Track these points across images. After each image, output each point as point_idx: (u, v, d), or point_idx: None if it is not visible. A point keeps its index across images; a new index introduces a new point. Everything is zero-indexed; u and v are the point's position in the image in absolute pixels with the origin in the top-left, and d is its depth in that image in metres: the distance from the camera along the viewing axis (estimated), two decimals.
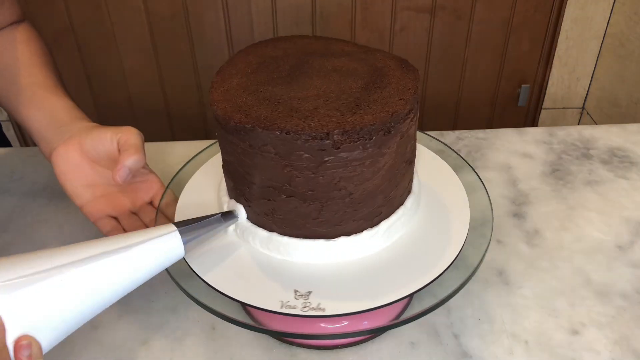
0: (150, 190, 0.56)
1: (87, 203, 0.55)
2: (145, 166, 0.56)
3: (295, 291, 0.42)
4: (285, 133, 0.39)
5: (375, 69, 0.47)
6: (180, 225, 0.42)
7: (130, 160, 0.51)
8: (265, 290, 0.43)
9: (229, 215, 0.45)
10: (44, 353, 0.36)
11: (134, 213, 0.57)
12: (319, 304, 0.41)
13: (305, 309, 0.41)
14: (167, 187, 0.55)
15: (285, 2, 1.31)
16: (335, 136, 0.39)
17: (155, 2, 1.29)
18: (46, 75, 0.59)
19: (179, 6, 1.29)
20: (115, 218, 0.56)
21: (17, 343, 0.34)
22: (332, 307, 0.41)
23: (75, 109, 0.57)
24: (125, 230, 0.55)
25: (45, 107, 0.57)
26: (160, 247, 0.40)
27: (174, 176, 0.57)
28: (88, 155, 0.54)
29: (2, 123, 0.86)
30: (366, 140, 0.40)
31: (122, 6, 1.28)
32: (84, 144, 0.53)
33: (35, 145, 0.60)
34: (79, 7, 1.27)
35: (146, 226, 0.55)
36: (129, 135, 0.52)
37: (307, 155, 0.39)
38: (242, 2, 1.30)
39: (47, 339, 0.36)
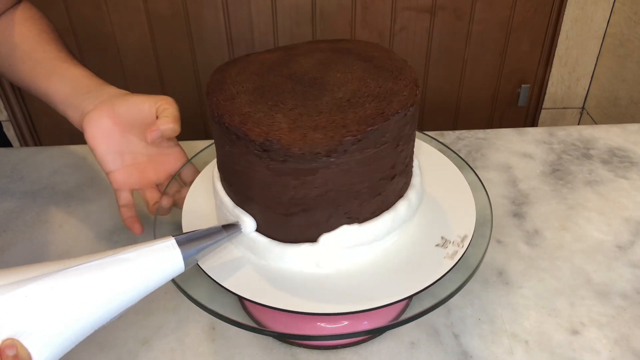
0: (176, 163, 0.57)
1: (115, 171, 0.55)
2: (174, 138, 0.56)
3: (443, 237, 0.46)
4: (403, 113, 0.40)
5: (349, 51, 0.49)
6: (178, 236, 0.41)
7: (166, 127, 0.52)
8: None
9: (231, 227, 0.43)
10: None
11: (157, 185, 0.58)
12: (463, 238, 0.46)
13: (461, 246, 0.45)
14: (167, 186, 0.55)
15: (285, 2, 1.31)
16: (408, 114, 0.41)
17: (155, 2, 1.29)
18: (60, 49, 0.60)
19: (179, 6, 1.29)
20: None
21: (2, 344, 0.33)
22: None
23: (96, 77, 0.58)
24: (148, 203, 0.56)
25: (68, 76, 0.57)
26: (156, 257, 0.39)
27: (174, 176, 0.57)
28: (120, 121, 0.54)
29: (2, 123, 0.86)
30: (416, 104, 0.43)
31: (122, 6, 1.28)
32: (118, 109, 0.54)
33: (35, 145, 0.60)
34: (79, 7, 1.27)
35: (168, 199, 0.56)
36: (169, 104, 0.53)
37: (406, 128, 0.42)
38: (242, 2, 1.30)
39: (39, 349, 0.35)
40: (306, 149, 0.38)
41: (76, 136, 0.59)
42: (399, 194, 0.46)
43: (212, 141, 0.62)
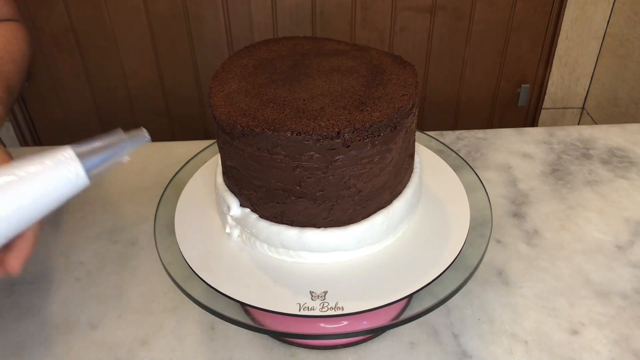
0: None
1: None
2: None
3: (311, 292, 0.42)
4: (296, 134, 0.39)
5: (373, 66, 0.47)
6: (75, 145, 0.38)
7: None
8: (281, 294, 0.43)
9: (135, 134, 0.39)
10: None
11: None
12: (336, 303, 0.41)
13: (324, 309, 0.41)
14: (167, 186, 0.55)
15: (285, 1, 1.31)
16: (346, 135, 0.39)
17: (155, 2, 1.28)
18: None
19: (179, 6, 1.29)
20: None
21: None
22: (350, 306, 0.41)
23: None
24: None
25: None
26: (53, 171, 0.36)
27: (174, 176, 0.57)
28: None
29: None
30: (375, 137, 0.40)
31: (122, 6, 1.28)
32: None
33: (36, 145, 0.59)
34: (79, 8, 1.27)
35: None
36: None
37: (317, 155, 0.40)
38: (242, 2, 1.30)
39: None
40: (221, 117, 0.42)
41: (76, 136, 0.59)
42: (312, 222, 0.44)
43: (213, 141, 0.62)
